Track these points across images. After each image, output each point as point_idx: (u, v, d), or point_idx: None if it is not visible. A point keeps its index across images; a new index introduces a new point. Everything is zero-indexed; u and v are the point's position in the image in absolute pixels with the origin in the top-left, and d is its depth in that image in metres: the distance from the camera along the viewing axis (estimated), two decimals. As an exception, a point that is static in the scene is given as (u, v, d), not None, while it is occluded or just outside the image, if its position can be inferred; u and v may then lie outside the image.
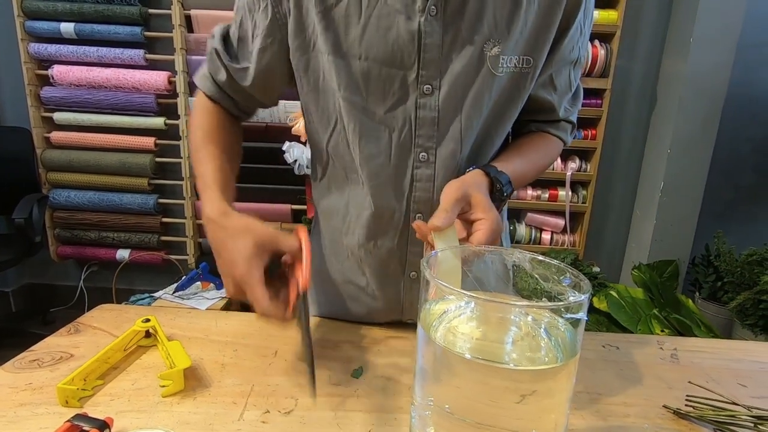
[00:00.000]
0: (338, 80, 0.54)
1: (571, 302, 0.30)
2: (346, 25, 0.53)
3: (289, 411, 0.45)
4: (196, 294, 1.92)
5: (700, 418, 0.45)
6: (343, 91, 0.55)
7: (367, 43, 0.53)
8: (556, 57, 0.57)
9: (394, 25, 0.52)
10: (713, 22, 1.93)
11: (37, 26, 2.06)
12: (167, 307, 0.69)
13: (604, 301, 1.81)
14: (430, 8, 0.51)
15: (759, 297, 1.70)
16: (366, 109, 0.55)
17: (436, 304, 0.34)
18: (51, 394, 0.45)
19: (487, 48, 0.53)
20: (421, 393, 0.35)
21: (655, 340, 0.64)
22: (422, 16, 0.51)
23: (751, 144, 2.22)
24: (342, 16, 0.52)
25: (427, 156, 0.56)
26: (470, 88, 0.54)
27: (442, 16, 0.52)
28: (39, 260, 2.20)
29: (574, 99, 0.64)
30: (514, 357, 0.33)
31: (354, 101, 0.55)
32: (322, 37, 0.53)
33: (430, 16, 0.51)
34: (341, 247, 0.64)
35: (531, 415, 0.31)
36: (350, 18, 0.52)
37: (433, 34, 0.52)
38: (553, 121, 0.65)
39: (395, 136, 0.56)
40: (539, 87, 0.60)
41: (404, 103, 0.55)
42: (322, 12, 0.53)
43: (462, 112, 0.55)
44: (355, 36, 0.53)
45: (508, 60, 0.54)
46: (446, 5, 0.51)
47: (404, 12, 0.52)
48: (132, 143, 2.15)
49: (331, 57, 0.54)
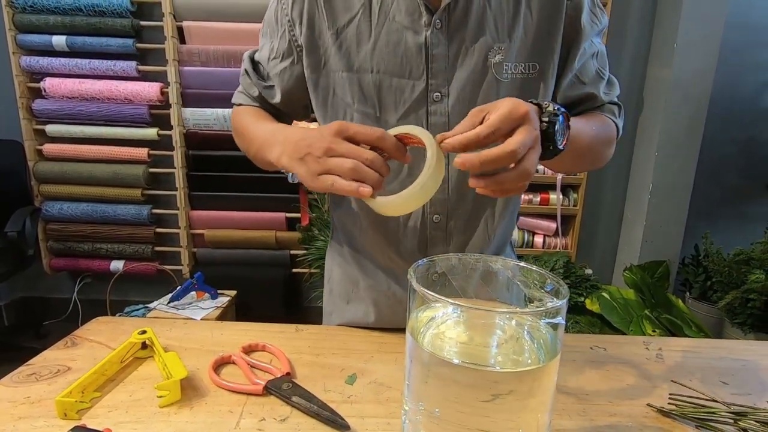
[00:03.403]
0: (351, 94, 0.58)
1: (549, 307, 0.31)
2: (358, 43, 0.57)
3: (284, 418, 0.46)
4: (191, 304, 1.92)
5: (682, 416, 0.47)
6: (357, 104, 0.58)
7: (378, 58, 0.57)
8: (575, 58, 0.59)
9: (402, 40, 0.56)
10: (696, 28, 1.98)
11: (29, 39, 2.06)
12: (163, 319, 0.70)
13: (596, 302, 1.83)
14: (435, 22, 0.55)
15: (747, 296, 1.73)
16: (379, 119, 0.58)
17: (424, 311, 0.36)
18: (49, 407, 0.46)
19: (491, 56, 0.56)
20: (412, 398, 0.36)
21: (642, 340, 0.65)
22: (428, 30, 0.55)
23: (735, 145, 2.27)
24: (354, 34, 0.57)
25: None
26: (477, 95, 0.57)
27: (446, 28, 0.55)
28: (32, 273, 2.19)
29: (609, 85, 0.65)
30: (499, 360, 0.35)
31: (368, 113, 0.58)
32: (335, 56, 0.58)
33: (435, 29, 0.55)
34: (361, 253, 0.67)
35: (517, 414, 0.33)
36: (361, 36, 0.57)
37: (439, 46, 0.56)
38: (597, 107, 0.65)
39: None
40: (568, 89, 0.61)
41: (416, 111, 0.58)
42: (335, 33, 0.57)
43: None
44: (367, 52, 0.57)
45: (512, 66, 0.56)
46: (450, 19, 0.55)
47: (411, 27, 0.56)
48: (125, 154, 2.16)
49: (345, 73, 0.58)
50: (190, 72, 2.10)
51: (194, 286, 1.93)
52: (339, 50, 0.57)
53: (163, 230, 2.27)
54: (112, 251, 2.26)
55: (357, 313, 0.68)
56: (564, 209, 2.18)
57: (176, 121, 2.12)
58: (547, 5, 0.56)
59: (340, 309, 0.70)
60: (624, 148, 2.27)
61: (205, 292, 1.96)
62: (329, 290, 0.73)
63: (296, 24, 0.59)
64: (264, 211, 2.22)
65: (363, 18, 0.56)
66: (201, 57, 2.10)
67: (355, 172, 0.44)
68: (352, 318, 0.68)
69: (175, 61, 2.08)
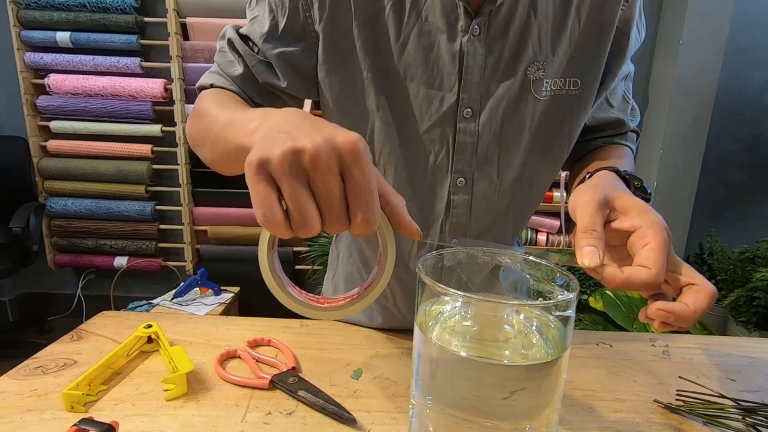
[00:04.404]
0: (376, 99, 0.51)
1: (560, 300, 0.31)
2: (384, 41, 0.50)
3: (290, 412, 0.46)
4: (195, 300, 1.93)
5: (690, 412, 0.47)
6: (381, 111, 0.52)
7: (406, 62, 0.50)
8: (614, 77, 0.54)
9: (435, 45, 0.49)
10: (702, 25, 1.97)
11: (33, 36, 2.07)
12: (168, 313, 0.70)
13: (600, 300, 1.83)
14: (474, 28, 0.48)
15: (752, 294, 1.73)
16: (402, 131, 0.53)
17: (432, 305, 0.35)
18: (56, 400, 0.46)
19: (531, 71, 0.50)
20: (419, 393, 0.36)
21: (648, 337, 0.65)
22: (465, 36, 0.49)
23: (740, 143, 2.26)
24: (379, 31, 0.49)
25: (464, 181, 0.54)
26: (511, 113, 0.51)
27: (485, 36, 0.49)
28: (36, 269, 2.20)
29: (633, 111, 0.62)
30: (507, 354, 0.35)
31: (390, 122, 0.52)
32: (361, 53, 0.50)
33: (473, 36, 0.48)
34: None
35: (525, 409, 0.33)
36: (389, 34, 0.49)
37: (476, 56, 0.49)
38: (621, 134, 0.62)
39: (431, 160, 0.54)
40: (597, 110, 0.57)
41: (441, 127, 0.52)
42: (362, 25, 0.49)
43: (501, 137, 0.53)
44: (394, 53, 0.50)
45: (552, 83, 0.51)
46: (490, 26, 0.49)
47: (446, 31, 0.49)
48: (129, 151, 2.16)
49: (370, 74, 0.50)
50: (194, 68, 2.10)
51: (197, 282, 1.94)
52: (365, 46, 0.49)
53: (167, 226, 2.28)
54: (116, 247, 2.27)
55: (360, 317, 0.66)
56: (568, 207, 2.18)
57: (180, 117, 2.13)
58: (598, 13, 0.50)
59: None
60: (628, 146, 2.26)
61: (209, 288, 1.97)
62: (333, 288, 0.72)
63: (314, 5, 0.49)
64: (267, 208, 2.22)
65: (392, 13, 0.49)
66: (204, 53, 2.10)
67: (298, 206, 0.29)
68: (357, 320, 0.67)
69: (179, 57, 2.08)
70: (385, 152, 0.54)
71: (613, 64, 0.54)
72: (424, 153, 0.54)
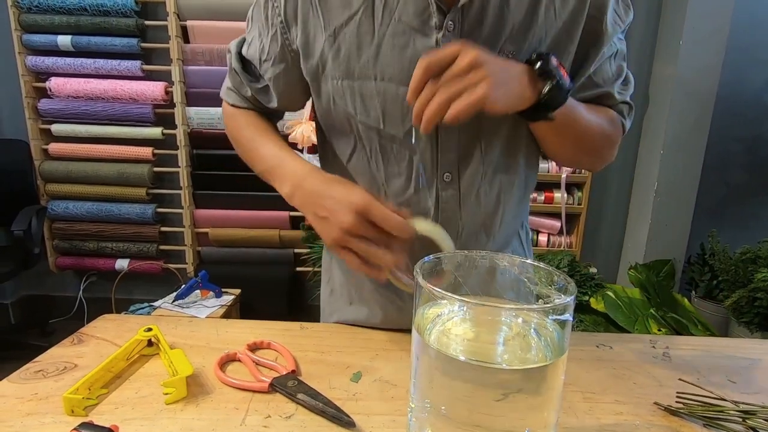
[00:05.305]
0: (353, 104, 0.53)
1: (557, 304, 0.31)
2: (359, 46, 0.51)
3: (289, 415, 0.46)
4: (196, 302, 1.93)
5: (690, 414, 0.47)
6: (359, 115, 0.53)
7: (382, 63, 0.51)
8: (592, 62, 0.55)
9: (410, 43, 0.50)
10: (702, 25, 1.97)
11: (35, 39, 2.07)
12: (168, 316, 0.70)
13: (601, 301, 1.82)
14: (448, 24, 0.49)
15: (753, 295, 1.72)
16: (384, 132, 0.54)
17: (430, 308, 0.35)
18: (57, 404, 0.46)
19: None
20: (418, 395, 0.36)
21: (648, 339, 0.65)
22: (439, 33, 0.49)
23: (741, 143, 2.25)
24: (353, 37, 0.51)
25: (451, 176, 0.56)
26: None
27: (459, 31, 0.50)
28: (38, 271, 2.21)
29: (625, 84, 0.61)
30: (505, 357, 0.35)
31: (371, 124, 0.54)
32: (332, 62, 0.52)
33: (447, 32, 0.49)
34: None
35: (523, 412, 0.33)
36: (362, 38, 0.51)
37: None
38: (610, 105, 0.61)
39: (416, 159, 0.55)
40: (580, 89, 0.57)
41: None
42: (332, 35, 0.51)
43: (483, 128, 0.54)
44: (369, 57, 0.51)
45: None
46: (464, 21, 0.50)
47: (420, 29, 0.50)
48: (130, 153, 2.17)
49: (345, 81, 0.52)
50: (195, 71, 2.11)
51: (199, 284, 1.94)
52: (337, 55, 0.52)
53: (168, 229, 2.28)
54: (117, 250, 2.27)
55: (360, 314, 0.66)
56: (569, 208, 2.17)
57: (180, 120, 2.13)
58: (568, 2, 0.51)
59: (341, 309, 0.68)
60: (629, 146, 2.26)
61: (210, 290, 1.97)
62: (329, 291, 0.71)
63: (291, 26, 0.53)
64: (268, 209, 2.23)
65: (364, 17, 0.50)
66: (205, 56, 2.10)
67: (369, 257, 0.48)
68: (355, 318, 0.66)
69: (180, 60, 2.09)
70: (370, 151, 0.56)
71: (591, 52, 0.54)
72: (410, 150, 0.55)
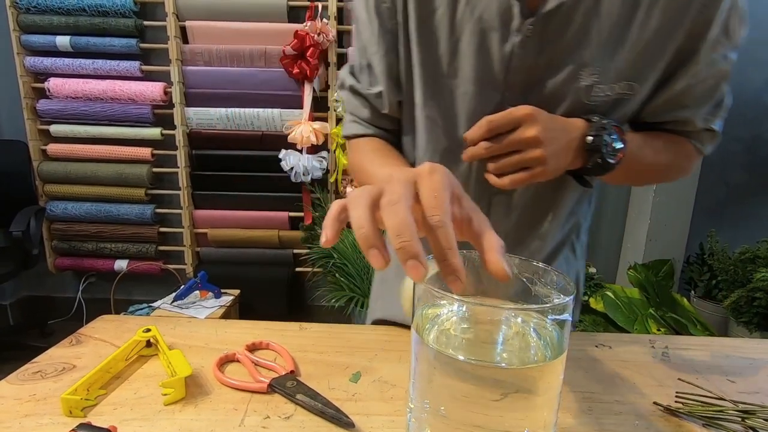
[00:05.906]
0: (423, 93, 0.52)
1: (556, 304, 0.31)
2: (438, 38, 0.50)
3: (288, 416, 0.46)
4: (195, 303, 1.93)
5: (690, 414, 0.47)
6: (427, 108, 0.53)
7: (456, 59, 0.50)
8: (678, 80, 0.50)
9: (486, 43, 0.49)
10: (700, 24, 1.96)
11: (33, 40, 2.07)
12: (167, 317, 0.70)
13: (601, 301, 1.83)
14: (527, 29, 0.47)
15: (752, 294, 1.72)
16: (446, 129, 0.53)
17: (429, 308, 0.35)
18: (55, 405, 0.46)
19: (583, 75, 0.48)
20: (417, 396, 0.36)
21: (648, 338, 0.65)
22: (518, 36, 0.48)
23: (740, 143, 2.26)
24: (436, 28, 0.50)
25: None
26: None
27: (539, 37, 0.48)
28: (36, 272, 2.20)
29: (715, 108, 0.55)
30: (504, 357, 0.35)
31: (434, 118, 0.53)
32: (415, 48, 0.52)
33: (525, 37, 0.48)
34: None
35: (522, 412, 0.33)
36: (443, 31, 0.50)
37: (525, 57, 0.48)
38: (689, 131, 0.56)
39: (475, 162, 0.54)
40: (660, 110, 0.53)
41: None
42: (419, 20, 0.51)
43: None
44: (444, 51, 0.50)
45: (606, 88, 0.49)
46: (547, 26, 0.47)
47: (499, 30, 0.48)
48: (129, 154, 2.17)
49: (420, 69, 0.52)
50: (194, 72, 2.11)
51: (198, 285, 1.94)
52: (420, 42, 0.51)
53: (167, 229, 2.28)
54: (116, 250, 2.27)
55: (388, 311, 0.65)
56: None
57: (179, 120, 2.13)
58: (671, 10, 0.45)
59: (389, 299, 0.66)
60: (628, 147, 2.26)
61: (209, 291, 1.97)
62: (381, 277, 0.70)
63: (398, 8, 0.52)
64: (267, 210, 2.23)
65: (448, 10, 0.49)
66: (204, 57, 2.10)
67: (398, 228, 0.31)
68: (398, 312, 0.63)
69: (179, 60, 2.09)
70: (430, 149, 0.55)
71: (679, 71, 0.50)
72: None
